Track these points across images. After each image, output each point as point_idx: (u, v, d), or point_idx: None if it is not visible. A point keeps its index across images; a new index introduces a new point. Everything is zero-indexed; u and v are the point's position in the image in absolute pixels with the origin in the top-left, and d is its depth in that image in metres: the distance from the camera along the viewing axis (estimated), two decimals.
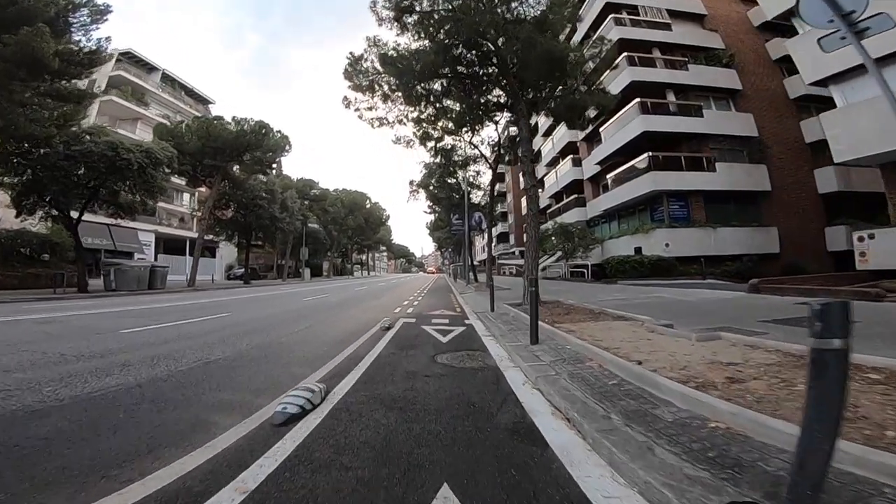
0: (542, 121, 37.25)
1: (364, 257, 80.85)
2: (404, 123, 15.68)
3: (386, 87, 14.36)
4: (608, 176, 24.81)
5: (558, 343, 5.22)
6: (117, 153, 18.61)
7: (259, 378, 3.95)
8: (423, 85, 14.58)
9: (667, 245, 19.44)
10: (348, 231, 55.42)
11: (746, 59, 24.36)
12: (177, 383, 3.75)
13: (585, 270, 21.53)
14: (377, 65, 13.57)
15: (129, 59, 39.62)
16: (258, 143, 28.12)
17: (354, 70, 13.83)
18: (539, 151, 39.59)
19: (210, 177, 29.64)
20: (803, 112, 23.57)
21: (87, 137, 18.54)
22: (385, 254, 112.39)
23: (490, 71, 14.05)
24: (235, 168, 31.59)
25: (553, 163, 35.98)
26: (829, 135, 14.14)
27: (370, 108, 14.86)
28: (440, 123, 20.91)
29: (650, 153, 20.79)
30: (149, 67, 41.99)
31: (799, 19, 17.37)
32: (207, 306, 11.51)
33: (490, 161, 22.20)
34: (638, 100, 21.91)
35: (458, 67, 13.43)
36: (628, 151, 22.89)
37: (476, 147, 21.88)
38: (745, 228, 20.78)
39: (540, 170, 40.38)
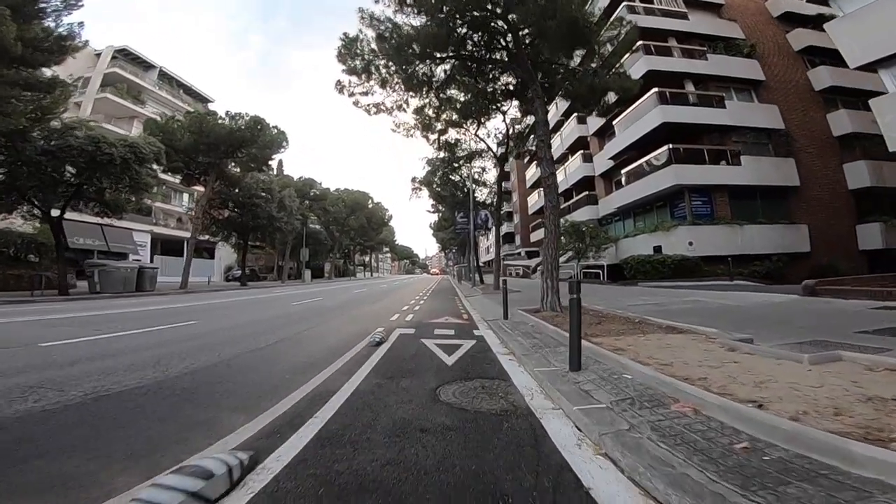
0: (551, 115, 35.85)
1: (367, 259, 79.50)
2: (404, 109, 14.26)
3: (384, 71, 12.93)
4: (623, 171, 23.31)
5: (609, 369, 3.75)
6: (98, 148, 17.43)
7: (156, 430, 2.51)
8: (423, 70, 13.25)
9: (690, 244, 17.89)
10: (350, 232, 54.06)
11: (767, 51, 23.02)
12: (11, 437, 2.33)
13: (601, 271, 20.01)
14: (373, 45, 12.15)
15: (126, 56, 38.51)
16: (253, 139, 26.79)
17: (349, 52, 12.41)
18: None
19: (205, 174, 28.42)
20: (829, 105, 22.27)
21: (74, 132, 17.40)
22: (388, 255, 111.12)
23: (498, 56, 12.73)
24: (233, 166, 30.42)
25: (561, 160, 34.42)
26: (881, 122, 12.70)
27: (366, 93, 13.41)
28: (444, 115, 19.61)
29: (671, 145, 19.28)
30: (146, 65, 41.23)
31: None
32: (180, 312, 10.12)
33: (497, 155, 20.78)
34: (656, 89, 20.43)
35: (463, 50, 12.03)
36: (645, 145, 21.39)
37: (482, 140, 20.49)
38: (774, 226, 19.23)
39: None
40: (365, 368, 4.15)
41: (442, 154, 22.02)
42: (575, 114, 30.75)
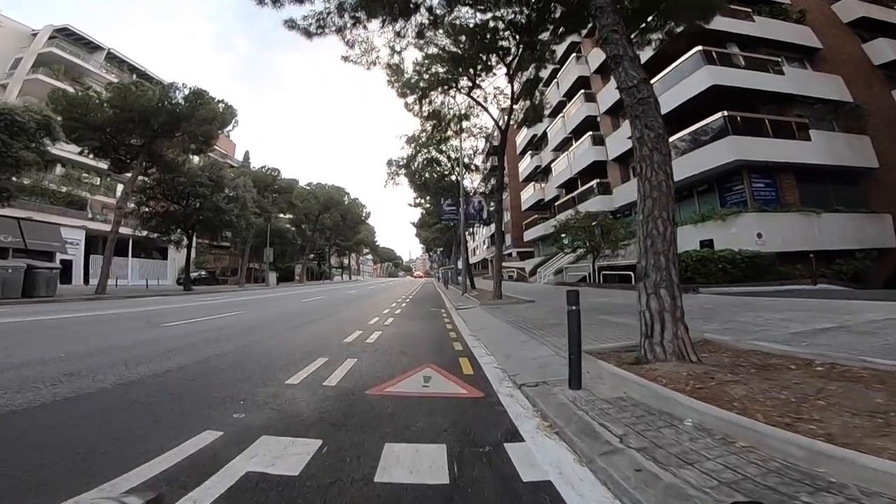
0: (550, 94, 31.38)
1: (347, 261, 73.87)
2: (363, 24, 9.39)
3: None
4: None
5: None
6: None
7: None
8: None
9: (759, 236, 13.46)
10: (326, 231, 48.70)
11: (815, 20, 19.22)
12: None
13: (632, 273, 15.34)
14: None
15: (68, 36, 33.73)
16: (190, 113, 21.62)
17: None
18: (545, 134, 33.76)
19: (136, 158, 23.25)
20: (892, 81, 18.49)
21: None
22: (370, 257, 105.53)
23: None
24: (168, 149, 25.28)
25: (563, 146, 30.06)
26: None
27: (302, 1, 8.44)
28: (428, 73, 15.05)
29: (726, 112, 14.88)
30: (91, 46, 35.98)
31: None
32: None
33: (497, 122, 16.05)
34: (700, 48, 16.17)
35: None
36: (681, 117, 16.99)
37: (479, 103, 15.68)
38: (854, 215, 14.99)
39: (545, 156, 34.52)
40: None
41: (427, 125, 17.21)
42: (582, 90, 26.36)
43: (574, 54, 27.59)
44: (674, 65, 16.90)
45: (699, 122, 15.94)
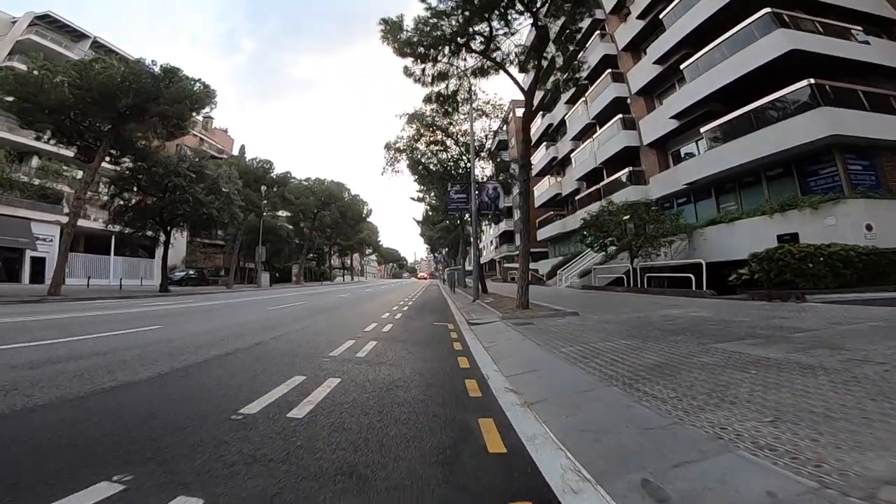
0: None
1: (349, 261, 70.89)
2: None
3: None
4: (703, 129, 15.58)
5: None
6: None
7: None
8: None
9: (868, 228, 10.35)
10: (327, 230, 45.83)
11: None
12: None
13: (693, 276, 12.06)
14: None
15: (50, 24, 32.18)
16: (158, 92, 18.81)
17: None
18: (562, 123, 30.67)
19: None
20: None
21: None
22: (374, 258, 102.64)
23: None
24: (161, 141, 22.74)
25: (584, 134, 26.92)
26: None
27: None
28: (436, 31, 12.19)
29: (813, 81, 11.85)
30: (76, 35, 34.18)
31: None
32: None
33: (523, 89, 12.97)
34: (769, 9, 13.26)
35: None
36: (741, 91, 13.98)
37: (500, 66, 12.62)
38: None
39: (563, 147, 31.44)
40: None
41: (433, 89, 14.18)
42: (609, 70, 23.26)
43: (598, 32, 24.55)
44: (736, 28, 13.88)
45: (770, 94, 12.89)
